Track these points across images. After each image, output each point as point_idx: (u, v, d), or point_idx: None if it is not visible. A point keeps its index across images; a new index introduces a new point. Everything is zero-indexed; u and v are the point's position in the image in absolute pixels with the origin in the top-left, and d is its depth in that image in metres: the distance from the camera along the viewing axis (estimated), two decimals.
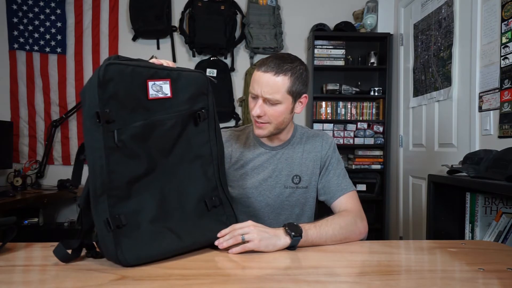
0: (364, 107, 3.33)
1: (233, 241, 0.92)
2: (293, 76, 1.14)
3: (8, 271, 0.82)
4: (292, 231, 0.95)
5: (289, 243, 0.95)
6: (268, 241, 0.93)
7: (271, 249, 0.93)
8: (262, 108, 1.15)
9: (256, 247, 0.92)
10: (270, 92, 1.13)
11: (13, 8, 3.24)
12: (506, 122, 1.88)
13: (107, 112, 0.81)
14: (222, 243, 0.92)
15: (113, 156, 0.82)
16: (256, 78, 1.15)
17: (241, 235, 0.92)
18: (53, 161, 3.32)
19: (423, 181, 2.67)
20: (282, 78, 1.12)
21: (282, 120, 1.19)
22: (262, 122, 1.18)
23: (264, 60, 1.16)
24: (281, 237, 0.95)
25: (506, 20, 1.89)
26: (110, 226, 0.80)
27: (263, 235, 0.93)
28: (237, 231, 0.93)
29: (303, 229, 0.97)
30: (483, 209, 1.54)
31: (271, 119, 1.17)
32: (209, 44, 3.25)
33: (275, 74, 1.12)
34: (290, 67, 1.14)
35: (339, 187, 1.24)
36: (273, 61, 1.14)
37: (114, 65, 0.82)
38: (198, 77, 0.98)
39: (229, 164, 1.29)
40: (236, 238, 0.92)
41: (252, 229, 0.93)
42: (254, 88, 1.15)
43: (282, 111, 1.17)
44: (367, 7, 3.29)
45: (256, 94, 1.15)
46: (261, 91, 1.13)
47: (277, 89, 1.13)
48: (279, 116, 1.17)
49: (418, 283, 0.77)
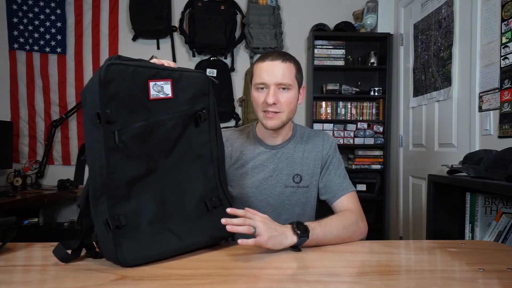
0: (364, 107, 3.33)
1: (241, 230, 0.89)
2: (295, 64, 1.22)
3: (8, 271, 0.82)
4: (299, 230, 0.95)
5: (295, 242, 0.95)
6: (276, 239, 0.92)
7: (278, 248, 0.93)
8: (276, 95, 1.17)
9: (264, 244, 0.90)
10: (283, 76, 1.16)
11: (13, 8, 3.25)
12: (506, 122, 1.88)
13: (108, 112, 0.80)
14: (231, 227, 0.89)
15: (113, 156, 0.82)
16: (265, 68, 1.17)
17: (253, 228, 0.90)
18: (53, 161, 3.32)
19: (423, 181, 2.66)
20: (289, 64, 1.19)
21: (293, 107, 1.22)
22: (274, 111, 1.18)
23: (266, 54, 1.21)
24: (288, 236, 0.95)
25: (506, 20, 1.89)
26: (109, 226, 0.80)
27: (272, 233, 0.92)
28: (248, 221, 0.91)
29: (310, 228, 0.97)
30: (483, 209, 1.55)
31: (283, 107, 1.18)
32: (209, 44, 3.25)
33: (283, 61, 1.18)
34: (292, 57, 1.22)
35: (340, 186, 1.25)
36: (276, 52, 1.21)
37: (115, 65, 0.82)
38: (199, 77, 0.98)
39: (229, 164, 1.29)
40: (247, 229, 0.90)
41: (262, 226, 0.91)
42: (263, 77, 1.17)
43: (293, 97, 1.20)
44: (367, 7, 3.29)
45: (266, 83, 1.17)
46: (274, 78, 1.16)
47: (288, 73, 1.18)
48: (291, 103, 1.20)
49: (418, 283, 0.77)
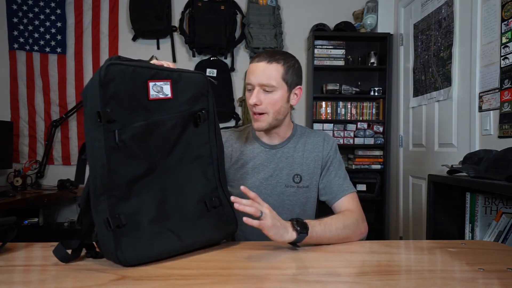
0: (364, 107, 3.33)
1: (249, 210, 0.90)
2: (285, 65, 1.19)
3: (8, 271, 0.82)
4: (299, 226, 0.96)
5: (294, 238, 0.95)
6: (278, 230, 0.93)
7: (277, 239, 0.93)
8: (258, 96, 1.17)
9: (267, 230, 0.91)
10: (265, 78, 1.16)
11: (13, 8, 3.25)
12: (506, 122, 1.88)
13: (108, 112, 0.81)
14: (239, 205, 0.90)
15: (113, 156, 0.82)
16: (251, 69, 1.19)
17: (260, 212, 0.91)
18: (53, 161, 3.32)
19: (423, 181, 2.66)
20: (275, 65, 1.17)
21: (279, 108, 1.20)
22: (259, 112, 1.19)
23: (257, 54, 1.22)
24: (289, 231, 0.95)
25: (506, 20, 1.89)
26: (110, 225, 0.80)
27: (275, 223, 0.93)
28: (256, 205, 0.92)
29: (310, 226, 0.98)
30: (483, 209, 1.55)
31: (268, 108, 1.18)
32: (209, 44, 3.25)
33: (268, 62, 1.17)
34: (282, 57, 1.19)
35: (341, 187, 1.24)
36: (266, 53, 1.20)
37: (115, 65, 0.83)
38: (198, 78, 0.98)
39: (229, 164, 1.29)
40: (255, 210, 0.91)
41: (268, 213, 0.93)
42: (250, 78, 1.19)
43: (278, 99, 1.19)
44: (367, 7, 3.29)
45: (251, 83, 1.18)
46: (257, 78, 1.17)
47: (271, 74, 1.16)
48: (275, 104, 1.19)
49: (418, 283, 0.77)
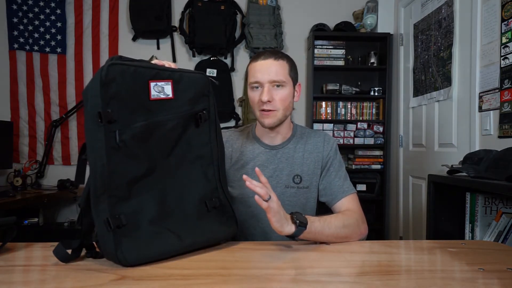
0: (364, 107, 3.33)
1: (259, 190, 0.91)
2: (289, 62, 1.23)
3: (8, 271, 0.82)
4: (298, 220, 0.96)
5: (293, 231, 0.96)
6: (281, 219, 0.94)
7: (278, 228, 0.93)
8: (270, 93, 1.18)
9: (271, 215, 0.92)
10: (276, 74, 1.18)
11: (13, 8, 3.25)
12: (506, 122, 1.88)
13: (109, 112, 0.81)
14: (251, 184, 0.90)
15: (114, 156, 0.82)
16: (258, 67, 1.19)
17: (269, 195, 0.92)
18: (53, 161, 3.32)
19: (423, 181, 2.67)
20: (281, 62, 1.20)
21: (288, 104, 1.23)
22: (269, 109, 1.19)
23: (259, 53, 1.23)
24: (289, 222, 0.96)
25: (506, 20, 1.89)
26: (110, 225, 0.80)
27: (280, 210, 0.94)
28: (266, 189, 0.92)
29: (309, 221, 0.98)
30: (483, 209, 1.55)
31: (278, 104, 1.20)
32: (209, 44, 3.25)
33: (275, 59, 1.19)
34: (284, 55, 1.24)
35: (341, 188, 1.24)
36: (268, 51, 1.22)
37: (116, 66, 0.83)
38: (199, 78, 0.98)
39: (230, 164, 1.29)
40: (264, 192, 0.91)
41: (276, 200, 0.93)
42: (257, 76, 1.19)
43: (288, 95, 1.21)
44: (367, 7, 3.29)
45: (260, 81, 1.19)
46: (267, 76, 1.18)
47: (281, 70, 1.19)
48: (285, 100, 1.21)
49: (418, 283, 0.77)
